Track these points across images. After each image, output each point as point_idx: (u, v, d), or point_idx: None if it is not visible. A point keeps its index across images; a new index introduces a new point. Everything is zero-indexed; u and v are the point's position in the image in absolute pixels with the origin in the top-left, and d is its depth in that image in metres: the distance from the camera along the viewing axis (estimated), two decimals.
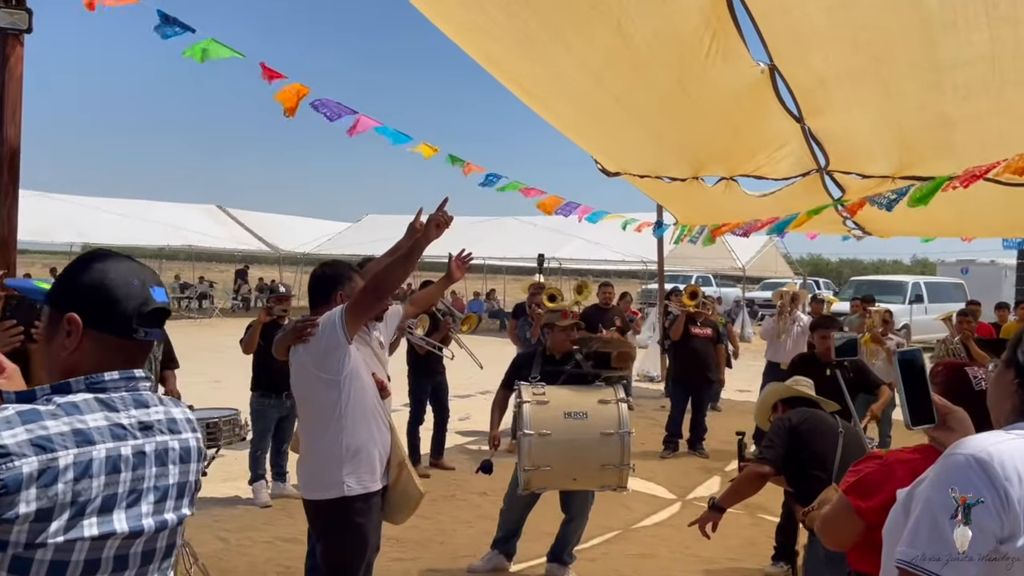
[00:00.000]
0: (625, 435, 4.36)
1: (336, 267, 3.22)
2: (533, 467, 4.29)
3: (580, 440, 4.32)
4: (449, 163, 7.91)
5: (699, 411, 8.59)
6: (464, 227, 27.56)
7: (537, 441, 4.29)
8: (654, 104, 5.72)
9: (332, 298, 3.11)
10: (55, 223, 21.98)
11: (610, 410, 4.43)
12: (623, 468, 4.37)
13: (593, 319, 9.34)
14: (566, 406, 4.40)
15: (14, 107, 4.47)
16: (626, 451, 4.35)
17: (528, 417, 4.34)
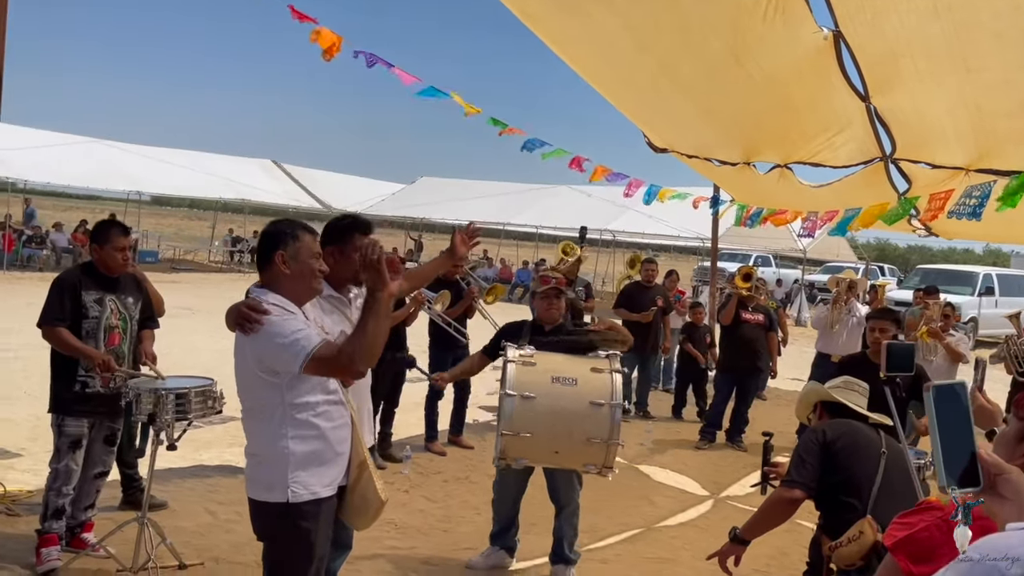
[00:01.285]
0: (616, 407, 3.95)
1: (279, 225, 2.81)
2: (512, 432, 3.92)
3: (566, 408, 3.93)
4: (491, 124, 7.54)
5: (743, 401, 8.13)
6: (515, 193, 27.24)
7: (519, 404, 3.92)
8: (702, 74, 5.22)
9: (272, 259, 2.73)
10: (111, 171, 22.20)
11: (602, 379, 4.02)
12: (611, 444, 3.94)
13: (634, 297, 8.93)
14: (554, 370, 4.02)
15: None
16: (615, 426, 3.93)
17: (512, 377, 3.97)
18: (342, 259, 3.33)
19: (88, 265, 4.15)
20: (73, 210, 40.26)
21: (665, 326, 9.16)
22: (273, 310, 2.62)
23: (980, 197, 4.37)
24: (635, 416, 9.00)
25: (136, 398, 3.75)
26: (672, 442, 8.09)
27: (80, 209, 40.73)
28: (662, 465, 7.24)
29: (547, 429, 3.93)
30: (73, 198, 42.99)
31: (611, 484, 6.52)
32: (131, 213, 26.48)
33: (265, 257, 2.76)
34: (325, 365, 2.55)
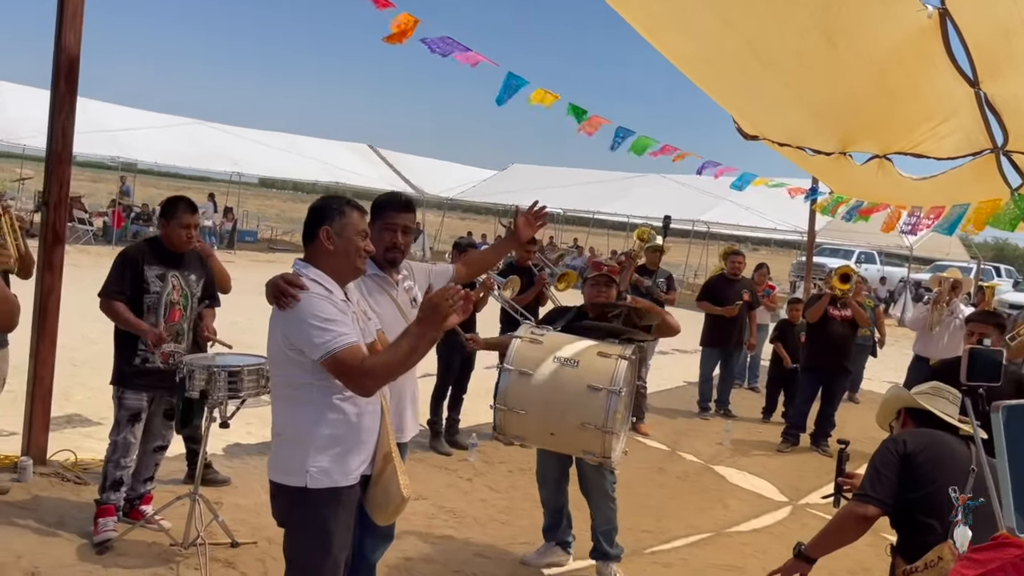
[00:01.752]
0: (613, 394, 3.70)
1: (327, 200, 2.72)
2: (505, 407, 3.81)
3: (562, 389, 3.76)
4: (570, 114, 7.31)
5: (828, 403, 7.72)
6: (606, 182, 26.88)
7: (516, 379, 3.79)
8: (793, 55, 4.89)
9: (317, 235, 2.64)
10: (211, 152, 22.95)
11: (606, 364, 3.80)
12: (605, 433, 3.71)
13: (718, 290, 8.60)
14: (559, 350, 3.85)
15: (75, 11, 4.26)
16: (611, 413, 3.69)
17: (513, 352, 3.86)
18: (376, 237, 3.21)
19: (154, 240, 4.19)
20: (184, 190, 42.02)
21: (751, 322, 8.79)
22: (312, 286, 2.54)
23: None
24: (715, 414, 8.68)
25: (189, 374, 3.76)
26: (752, 443, 7.76)
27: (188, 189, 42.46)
28: (739, 467, 6.94)
29: (541, 408, 3.79)
30: (182, 178, 44.82)
31: (683, 484, 6.35)
32: (234, 193, 27.35)
33: (310, 232, 2.68)
34: (340, 368, 2.46)
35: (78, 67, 4.31)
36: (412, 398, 3.40)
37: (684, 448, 7.31)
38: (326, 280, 2.62)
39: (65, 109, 4.33)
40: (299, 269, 2.65)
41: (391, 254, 3.28)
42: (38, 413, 4.63)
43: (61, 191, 4.47)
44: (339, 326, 2.49)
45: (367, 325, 2.78)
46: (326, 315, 2.48)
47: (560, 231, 34.71)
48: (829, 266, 26.64)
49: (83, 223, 20.82)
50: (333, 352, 2.44)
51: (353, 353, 2.47)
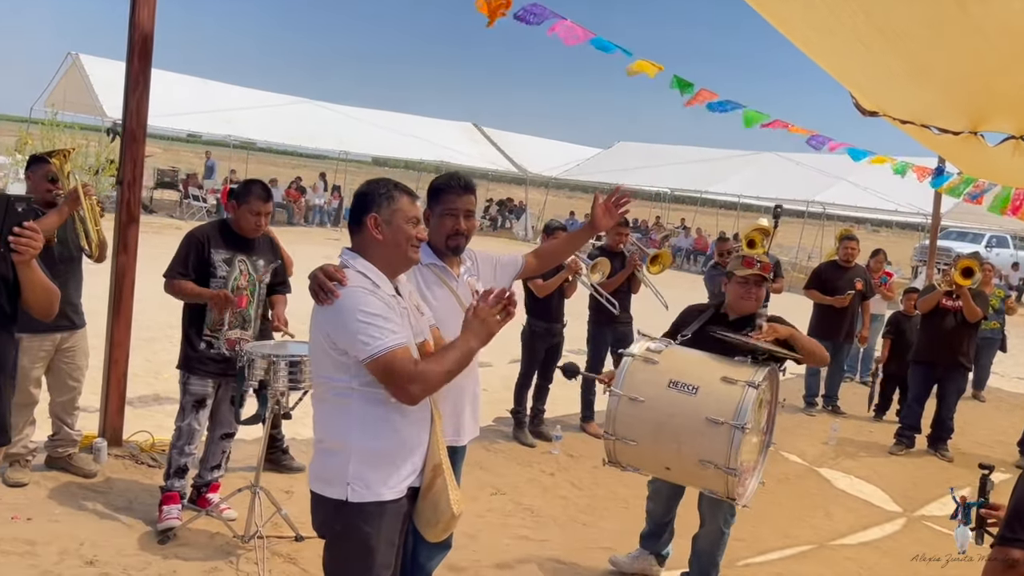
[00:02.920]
0: (737, 430, 3.18)
1: (373, 184, 2.47)
2: (615, 436, 3.40)
3: (676, 420, 3.28)
4: (675, 87, 6.88)
5: (945, 403, 7.04)
6: (716, 160, 25.99)
7: (625, 406, 3.35)
8: (917, 21, 4.34)
9: (364, 223, 2.41)
10: (321, 131, 23.41)
11: (730, 392, 3.26)
12: (728, 474, 3.22)
13: (828, 278, 8.02)
14: (677, 373, 3.35)
15: None
16: (734, 452, 3.18)
17: (624, 374, 3.41)
18: (435, 222, 3.05)
19: (224, 223, 4.09)
20: (300, 168, 43.24)
21: (864, 312, 8.14)
22: (356, 279, 2.33)
23: None
24: (822, 410, 8.13)
25: (249, 363, 3.64)
26: (862, 444, 7.19)
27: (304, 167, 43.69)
28: (846, 470, 6.42)
29: (653, 441, 3.35)
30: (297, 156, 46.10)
31: (782, 488, 5.90)
32: (345, 171, 27.85)
33: (357, 220, 2.46)
34: (387, 371, 2.25)
35: (152, 44, 4.26)
36: (473, 397, 3.16)
37: (786, 447, 6.83)
38: (374, 272, 2.40)
39: (140, 87, 4.28)
40: (346, 259, 2.44)
41: (454, 240, 3.06)
42: (113, 395, 4.65)
43: (135, 169, 4.45)
44: (387, 323, 2.28)
45: (419, 322, 2.54)
46: (373, 311, 2.27)
47: (667, 210, 33.89)
48: (955, 251, 24.96)
49: (197, 200, 21.63)
50: (380, 353, 2.23)
51: (402, 356, 2.26)
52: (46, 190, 4.19)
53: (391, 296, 2.40)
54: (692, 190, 27.37)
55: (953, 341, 6.90)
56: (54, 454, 4.42)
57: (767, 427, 3.69)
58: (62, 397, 4.39)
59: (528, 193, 30.34)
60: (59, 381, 4.37)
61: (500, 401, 6.67)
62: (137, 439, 4.91)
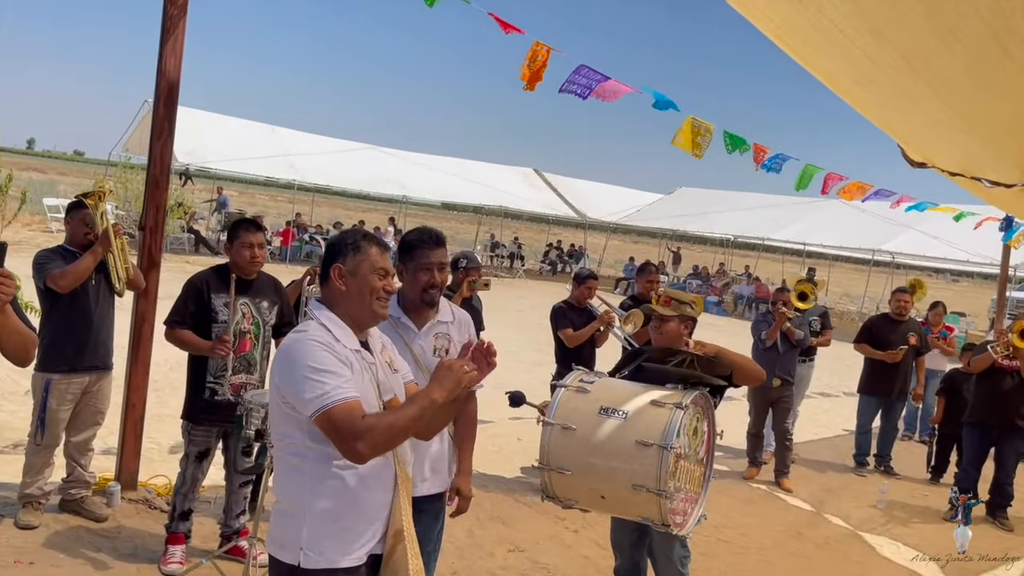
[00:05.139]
0: (666, 450, 3.11)
1: (343, 234, 2.43)
2: (548, 466, 3.30)
3: (608, 445, 3.21)
4: (729, 149, 6.71)
5: (1003, 467, 6.59)
6: (779, 206, 25.46)
7: (558, 435, 3.27)
8: (958, 68, 4.15)
9: (329, 273, 2.36)
10: (383, 176, 23.82)
11: (659, 415, 3.20)
12: (660, 496, 3.11)
13: (880, 332, 7.68)
14: (605, 400, 3.30)
15: (176, 36, 4.28)
16: (663, 473, 3.10)
17: (557, 404, 3.35)
18: (409, 277, 3.05)
19: (224, 267, 4.09)
20: (366, 212, 44.12)
21: (919, 368, 7.76)
22: (316, 331, 2.27)
23: None
24: (873, 470, 7.73)
25: (247, 412, 3.60)
26: (914, 508, 6.78)
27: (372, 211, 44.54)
28: (893, 536, 6.04)
29: (586, 468, 3.28)
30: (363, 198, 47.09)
31: (822, 553, 5.59)
32: (412, 215, 28.28)
33: (325, 270, 2.41)
34: (332, 427, 2.14)
35: (177, 91, 4.35)
36: (434, 446, 3.10)
37: (831, 509, 6.50)
38: (337, 325, 2.33)
39: (165, 133, 4.37)
40: (312, 311, 2.39)
41: (428, 295, 3.07)
42: (129, 439, 4.68)
43: (158, 215, 4.51)
44: (335, 378, 2.18)
45: (390, 378, 2.46)
46: (322, 365, 2.19)
47: (730, 256, 33.39)
48: None
49: None
50: (325, 408, 2.13)
51: (348, 410, 2.15)
52: (84, 234, 4.30)
53: (353, 351, 2.32)
54: (755, 237, 26.89)
55: (1010, 402, 6.49)
56: (67, 497, 4.46)
57: (707, 459, 3.55)
58: (78, 437, 4.43)
59: (588, 237, 30.24)
60: (79, 422, 4.42)
61: (535, 452, 6.50)
62: (156, 483, 4.93)
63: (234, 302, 3.95)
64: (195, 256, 20.18)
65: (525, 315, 15.88)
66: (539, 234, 41.63)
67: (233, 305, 3.94)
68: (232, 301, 3.94)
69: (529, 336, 12.32)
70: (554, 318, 6.06)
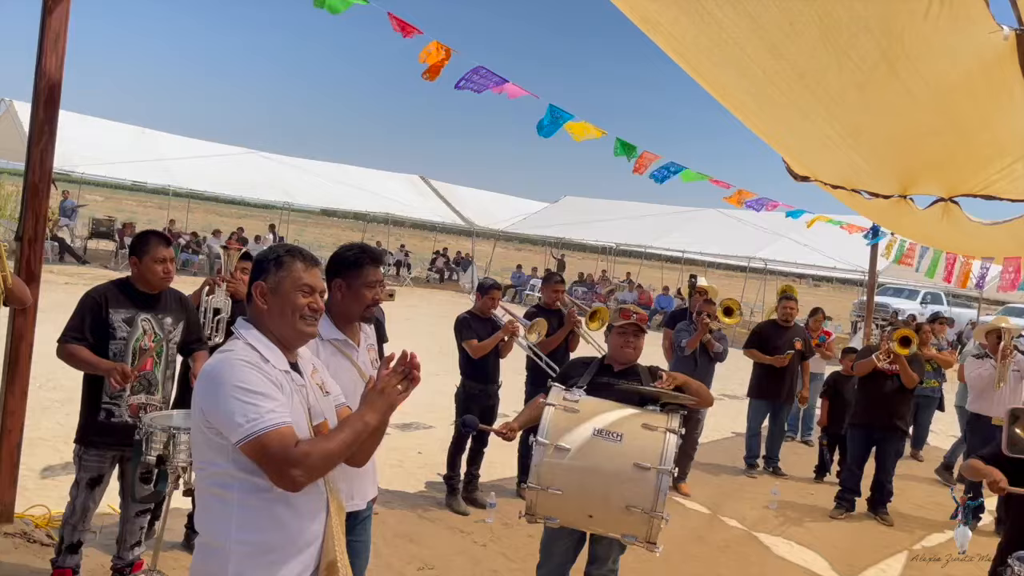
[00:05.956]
0: (664, 474, 3.33)
1: (268, 249, 2.32)
2: (539, 487, 3.38)
3: (606, 467, 3.36)
4: (618, 152, 6.83)
5: (883, 466, 6.95)
6: (660, 216, 26.26)
7: (552, 456, 3.38)
8: (849, 88, 4.35)
9: (253, 290, 2.25)
10: (263, 181, 23.09)
11: (653, 439, 3.41)
12: (653, 516, 3.33)
13: (768, 338, 7.98)
14: (599, 422, 3.44)
15: (57, 34, 3.96)
16: (661, 496, 3.32)
17: (548, 423, 3.44)
18: (349, 294, 3.01)
19: (124, 281, 3.81)
20: (245, 218, 42.66)
21: (804, 372, 8.11)
22: (243, 351, 2.13)
23: None
24: (763, 471, 8.02)
25: (147, 436, 3.35)
26: (803, 507, 7.07)
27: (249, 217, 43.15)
28: (787, 536, 6.27)
29: (580, 489, 3.38)
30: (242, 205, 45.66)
31: (722, 556, 5.73)
32: (294, 222, 27.53)
33: (251, 288, 2.27)
34: (264, 454, 2.01)
35: (60, 92, 4.02)
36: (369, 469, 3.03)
37: (727, 511, 6.69)
38: (264, 345, 2.19)
39: (45, 137, 4.03)
40: (238, 330, 2.24)
41: (370, 311, 3.06)
42: (5, 468, 4.25)
43: (37, 225, 4.14)
44: (267, 401, 2.05)
45: (321, 401, 2.33)
46: (252, 387, 2.05)
47: (612, 263, 34.17)
48: (892, 306, 25.53)
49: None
50: (256, 434, 2.00)
51: (281, 437, 2.02)
52: None
53: (282, 372, 2.19)
54: (637, 245, 27.61)
55: (891, 405, 6.86)
56: None
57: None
58: None
59: (475, 245, 30.27)
60: None
61: (435, 465, 6.42)
62: (33, 513, 4.54)
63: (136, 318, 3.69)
64: (60, 265, 18.96)
65: (417, 324, 15.70)
66: (425, 242, 41.43)
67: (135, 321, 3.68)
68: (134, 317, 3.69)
69: (423, 346, 12.11)
70: (458, 329, 5.98)
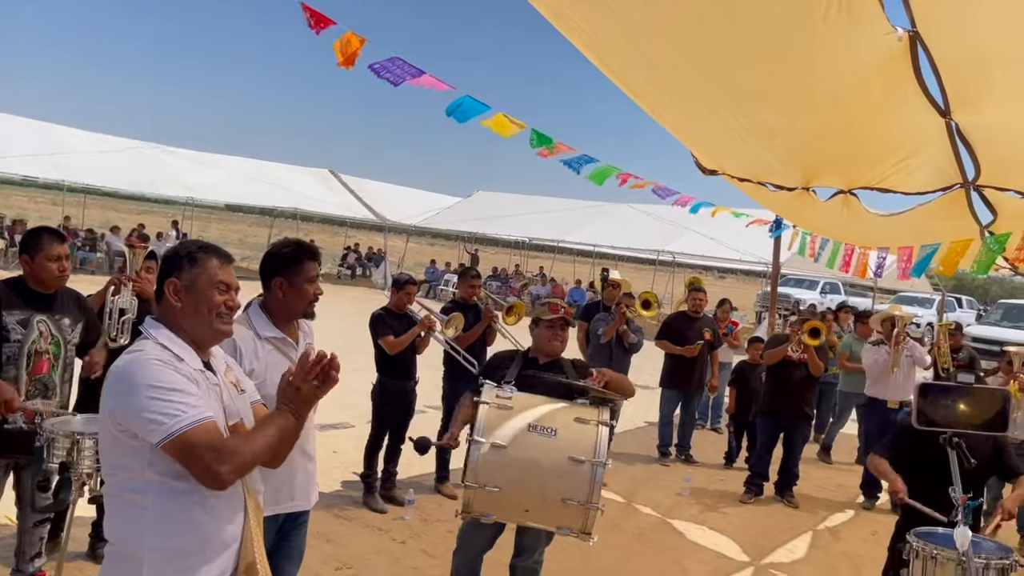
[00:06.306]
0: (599, 466, 3.43)
1: (179, 245, 2.26)
2: (477, 485, 3.43)
3: (542, 462, 3.43)
4: (535, 144, 6.88)
5: (790, 451, 7.26)
6: (572, 210, 26.59)
7: (489, 453, 3.43)
8: (753, 85, 4.50)
9: (163, 289, 2.18)
10: (165, 176, 22.30)
11: (587, 432, 3.50)
12: (589, 508, 3.43)
13: (678, 329, 8.17)
14: (533, 418, 3.51)
15: None
16: (596, 487, 3.42)
17: (483, 422, 3.49)
18: (291, 291, 3.00)
19: (17, 280, 3.62)
20: (146, 215, 41.03)
21: (713, 361, 8.35)
22: (155, 351, 2.06)
23: None
24: (676, 459, 8.23)
25: (49, 443, 3.19)
26: (714, 493, 7.29)
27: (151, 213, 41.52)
28: (699, 521, 6.45)
29: (517, 484, 3.44)
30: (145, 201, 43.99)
31: (638, 544, 5.85)
32: (198, 218, 26.67)
33: (160, 286, 2.20)
34: (190, 452, 1.96)
35: None
36: (304, 454, 3.00)
37: (641, 499, 6.83)
38: (177, 344, 2.13)
39: None
40: (147, 329, 2.17)
41: (312, 307, 3.10)
42: None
43: None
44: (186, 397, 2.00)
45: (236, 400, 2.27)
46: (168, 384, 1.99)
47: (526, 258, 34.39)
48: (794, 296, 26.53)
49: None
50: (179, 431, 1.94)
51: (207, 432, 1.98)
52: None
53: (197, 371, 2.13)
54: (549, 239, 27.88)
55: (798, 393, 7.17)
56: None
57: None
58: None
59: (387, 241, 29.98)
60: None
61: (352, 464, 6.34)
62: None
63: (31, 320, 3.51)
64: None
65: (330, 321, 15.36)
66: (335, 237, 40.76)
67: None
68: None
69: (337, 344, 11.95)
70: (373, 326, 5.91)
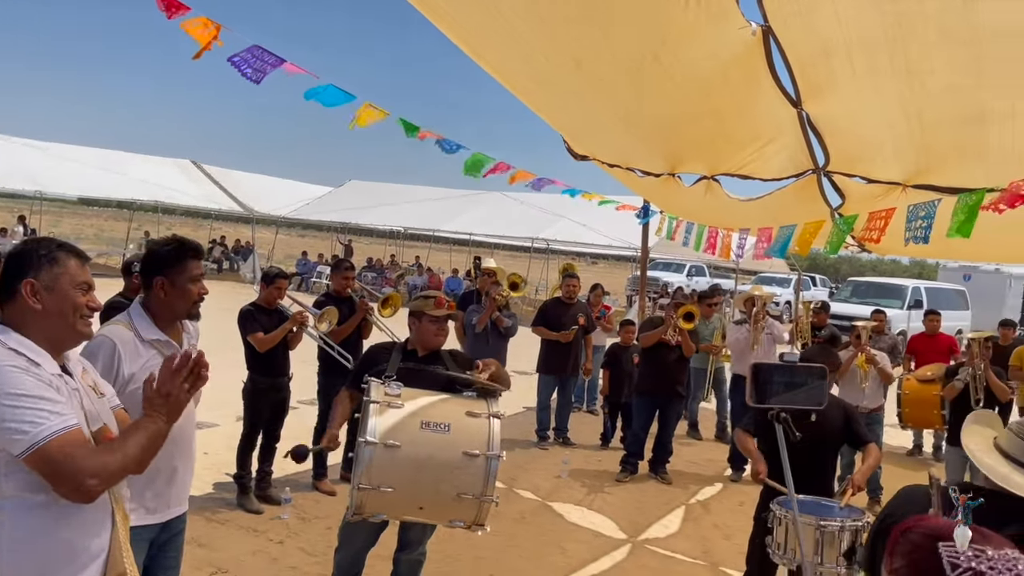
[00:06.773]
0: (493, 459, 3.42)
1: (31, 243, 2.12)
2: (370, 486, 3.35)
3: (436, 459, 3.38)
4: (408, 135, 6.80)
5: (664, 429, 7.55)
6: (447, 199, 26.55)
7: (381, 454, 3.33)
8: (621, 75, 4.61)
9: (17, 291, 2.04)
10: (9, 169, 20.75)
11: (479, 425, 3.47)
12: (483, 501, 3.42)
13: (553, 315, 8.31)
14: (424, 414, 3.46)
15: None
16: (490, 479, 3.42)
17: (373, 422, 3.39)
18: (174, 292, 2.84)
19: None
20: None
21: (587, 345, 8.54)
22: (7, 357, 1.92)
23: (926, 218, 3.87)
24: (554, 442, 8.38)
25: None
26: (592, 473, 7.48)
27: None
28: (577, 502, 6.61)
29: (411, 483, 3.38)
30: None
31: (519, 528, 5.93)
32: (47, 212, 24.99)
33: (9, 287, 2.05)
34: (53, 464, 1.86)
35: None
36: (186, 456, 2.90)
37: (522, 484, 6.93)
38: (31, 349, 1.99)
39: None
40: None
41: (197, 307, 2.95)
42: None
43: None
44: (48, 404, 1.89)
45: (96, 404, 2.15)
46: (27, 391, 1.87)
47: (402, 248, 34.11)
48: (662, 280, 27.53)
49: None
50: (43, 441, 1.84)
51: (72, 441, 1.88)
52: None
53: (55, 375, 2.01)
54: (425, 228, 27.75)
55: (673, 373, 7.48)
56: None
57: None
58: None
59: (256, 233, 29.04)
60: None
61: (223, 464, 6.13)
62: None
63: None
64: None
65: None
66: (200, 230, 39.13)
67: None
68: None
69: (204, 341, 11.50)
70: (242, 322, 5.72)
